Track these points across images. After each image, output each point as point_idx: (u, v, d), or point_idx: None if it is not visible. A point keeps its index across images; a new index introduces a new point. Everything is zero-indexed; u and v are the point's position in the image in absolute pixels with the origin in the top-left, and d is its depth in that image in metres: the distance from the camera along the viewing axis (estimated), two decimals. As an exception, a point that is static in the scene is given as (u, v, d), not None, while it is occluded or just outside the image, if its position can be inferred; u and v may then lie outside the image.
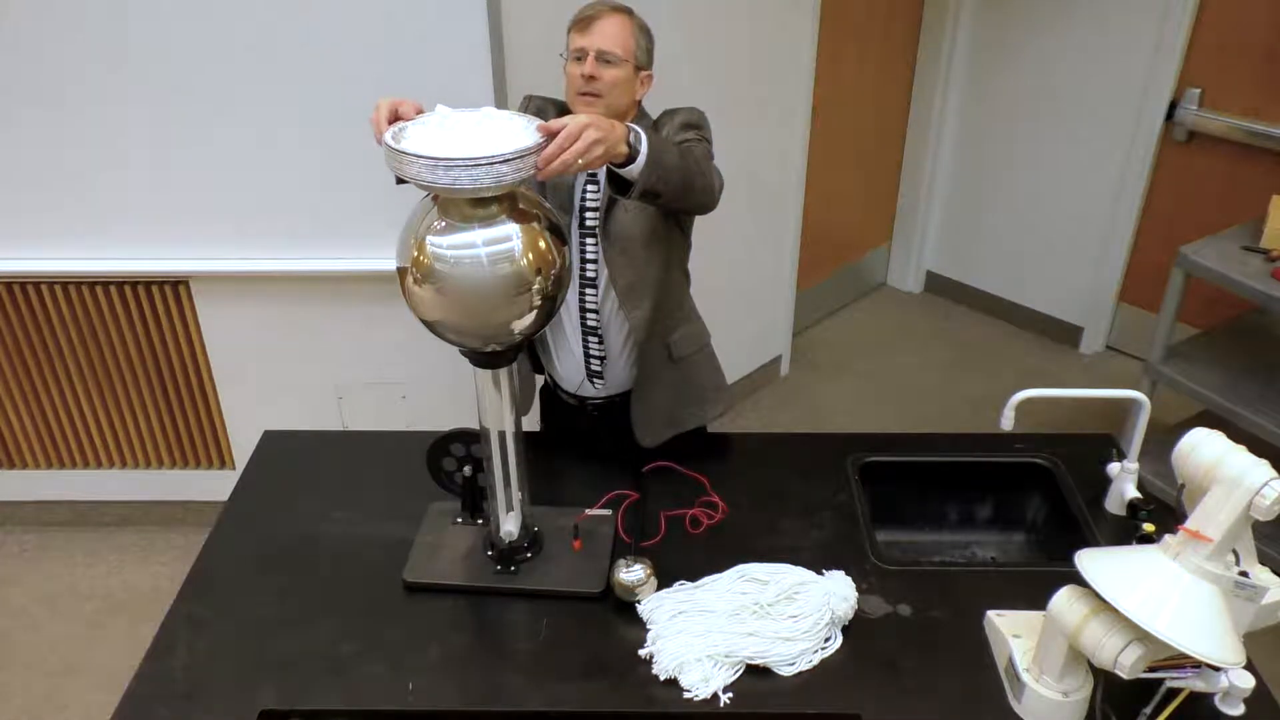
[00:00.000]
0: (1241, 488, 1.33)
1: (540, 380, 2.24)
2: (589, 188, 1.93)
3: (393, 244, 1.52)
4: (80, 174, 2.56)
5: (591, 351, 2.05)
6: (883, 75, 3.95)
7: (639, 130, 1.64)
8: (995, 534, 2.11)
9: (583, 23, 1.85)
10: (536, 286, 1.48)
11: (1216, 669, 1.46)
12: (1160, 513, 1.84)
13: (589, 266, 1.97)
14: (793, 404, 3.77)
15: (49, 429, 2.99)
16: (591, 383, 2.08)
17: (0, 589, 2.97)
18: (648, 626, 1.65)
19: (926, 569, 1.84)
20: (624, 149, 1.59)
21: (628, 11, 1.88)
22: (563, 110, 1.94)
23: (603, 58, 1.82)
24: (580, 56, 1.83)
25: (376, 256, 2.62)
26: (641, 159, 1.62)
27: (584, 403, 2.13)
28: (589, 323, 2.01)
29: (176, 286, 2.76)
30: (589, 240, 1.95)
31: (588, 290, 1.98)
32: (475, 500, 1.85)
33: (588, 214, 1.94)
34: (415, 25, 2.39)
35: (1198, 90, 3.46)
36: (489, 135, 1.44)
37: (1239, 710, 1.52)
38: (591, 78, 1.82)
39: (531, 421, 2.30)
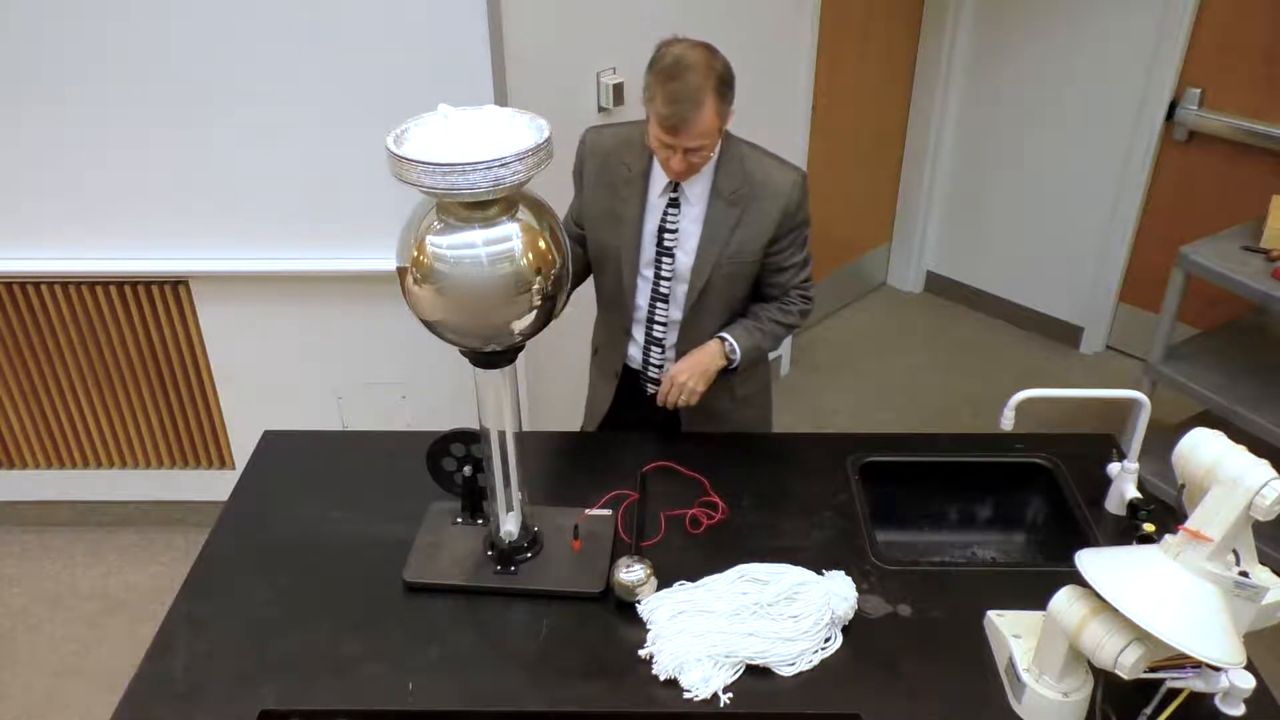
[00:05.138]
0: (1241, 488, 1.33)
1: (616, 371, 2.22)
2: (669, 211, 1.96)
3: (393, 244, 1.52)
4: (80, 174, 2.56)
5: (652, 359, 2.10)
6: (883, 75, 3.95)
7: (734, 343, 1.98)
8: (995, 534, 2.11)
9: (669, 128, 1.76)
10: (536, 286, 1.48)
11: (1216, 669, 1.46)
12: (1160, 513, 1.84)
13: (663, 283, 2.01)
14: (793, 404, 3.77)
15: (49, 429, 2.99)
16: (645, 384, 2.15)
17: (0, 589, 2.97)
18: (648, 626, 1.65)
19: (926, 569, 1.84)
20: (722, 362, 1.99)
21: (711, 85, 1.75)
22: (631, 144, 1.97)
23: (690, 150, 1.79)
24: (669, 146, 1.80)
25: (376, 256, 2.62)
26: (737, 362, 2.00)
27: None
28: (655, 334, 2.06)
29: (176, 286, 2.75)
30: (665, 259, 1.99)
31: (659, 304, 2.03)
32: (475, 500, 1.85)
33: (666, 235, 1.97)
34: (415, 25, 2.39)
35: (1198, 90, 3.46)
36: (491, 134, 1.44)
37: (1239, 710, 1.52)
38: (682, 169, 1.84)
39: (547, 423, 2.30)
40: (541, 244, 1.48)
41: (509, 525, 1.75)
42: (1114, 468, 1.91)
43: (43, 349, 2.85)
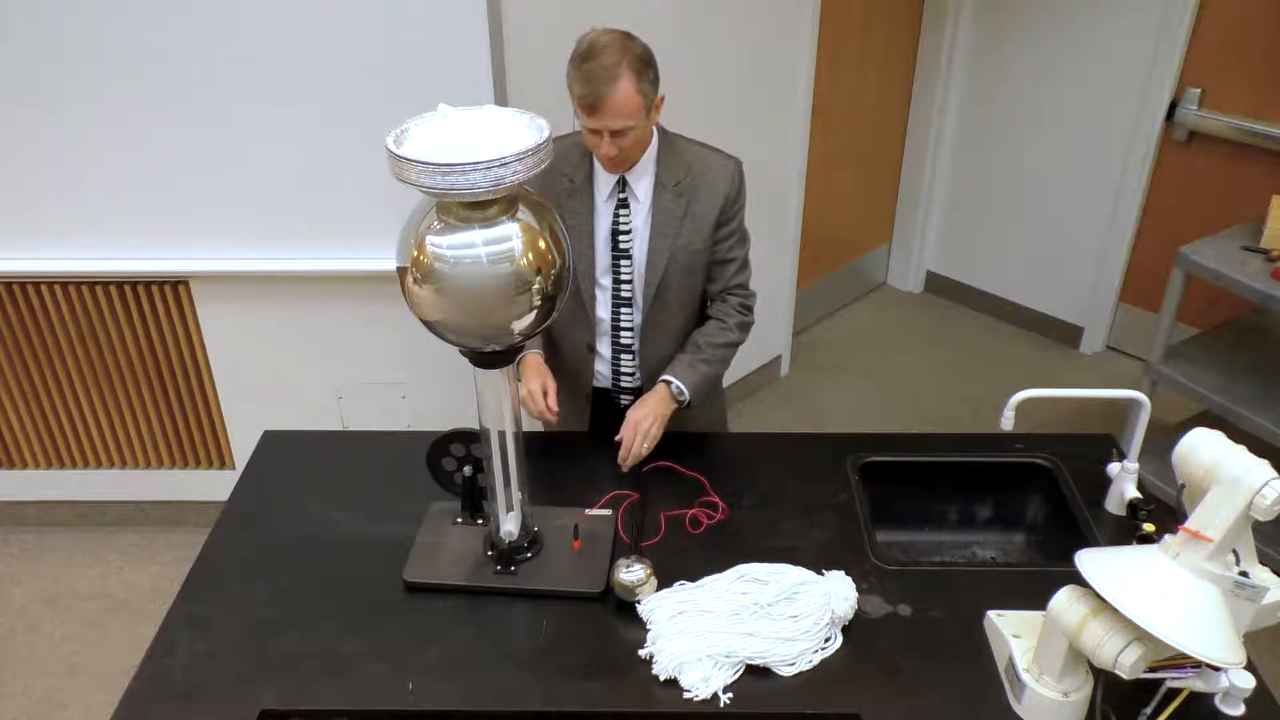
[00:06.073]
0: (1241, 488, 1.33)
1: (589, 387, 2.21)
2: (620, 212, 1.95)
3: (393, 244, 1.52)
4: (80, 174, 2.56)
5: (623, 369, 2.09)
6: (883, 75, 3.95)
7: (680, 385, 1.98)
8: (995, 534, 2.11)
9: (588, 107, 1.77)
10: (536, 286, 1.48)
11: (1216, 669, 1.46)
12: (1160, 513, 1.84)
13: (624, 287, 1.99)
14: (793, 404, 3.77)
15: (49, 429, 2.99)
16: (618, 397, 2.14)
17: (0, 589, 2.97)
18: (648, 626, 1.65)
19: (926, 569, 1.84)
20: (673, 405, 1.98)
21: (626, 63, 1.76)
22: (568, 156, 1.96)
23: (617, 133, 1.80)
24: (595, 131, 1.80)
25: (376, 256, 2.62)
26: (688, 399, 2.00)
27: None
28: (622, 340, 2.05)
29: (176, 286, 2.76)
30: (624, 262, 1.98)
31: (622, 310, 2.02)
32: (475, 500, 1.85)
33: (621, 237, 1.96)
34: (415, 25, 2.39)
35: (1198, 90, 3.46)
36: (490, 134, 1.44)
37: (1239, 710, 1.52)
38: (613, 154, 1.83)
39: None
40: (541, 244, 1.48)
41: (509, 525, 1.75)
42: (1114, 468, 1.91)
43: (43, 349, 2.85)
